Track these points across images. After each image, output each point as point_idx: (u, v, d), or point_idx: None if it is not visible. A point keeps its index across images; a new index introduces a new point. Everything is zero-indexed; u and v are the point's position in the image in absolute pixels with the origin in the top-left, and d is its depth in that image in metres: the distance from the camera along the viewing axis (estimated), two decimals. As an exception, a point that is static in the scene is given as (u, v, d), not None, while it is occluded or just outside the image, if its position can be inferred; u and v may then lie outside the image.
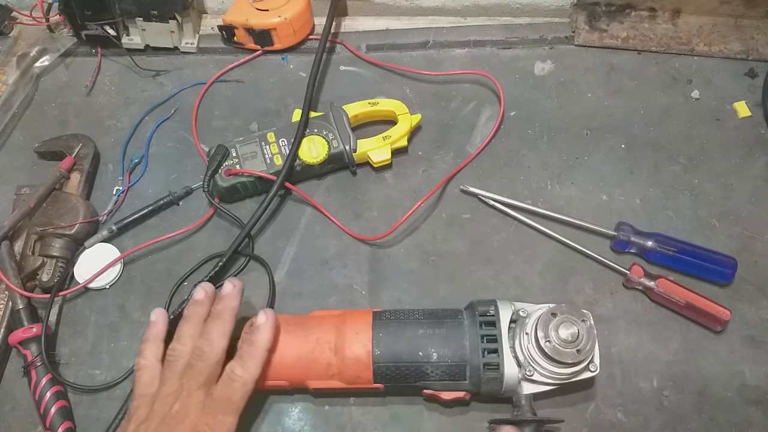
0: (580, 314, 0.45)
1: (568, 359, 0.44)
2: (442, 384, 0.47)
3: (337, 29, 0.69)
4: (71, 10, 0.63)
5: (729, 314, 0.50)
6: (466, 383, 0.47)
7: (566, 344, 0.44)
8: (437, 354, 0.46)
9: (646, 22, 0.67)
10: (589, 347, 0.45)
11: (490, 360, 0.46)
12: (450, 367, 0.46)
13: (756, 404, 0.49)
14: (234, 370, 0.44)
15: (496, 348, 0.46)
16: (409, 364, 0.46)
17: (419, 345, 0.46)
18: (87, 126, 0.63)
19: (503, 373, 0.45)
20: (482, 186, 0.58)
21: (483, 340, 0.46)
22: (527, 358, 0.45)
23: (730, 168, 0.59)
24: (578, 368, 0.45)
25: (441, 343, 0.46)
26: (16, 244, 0.56)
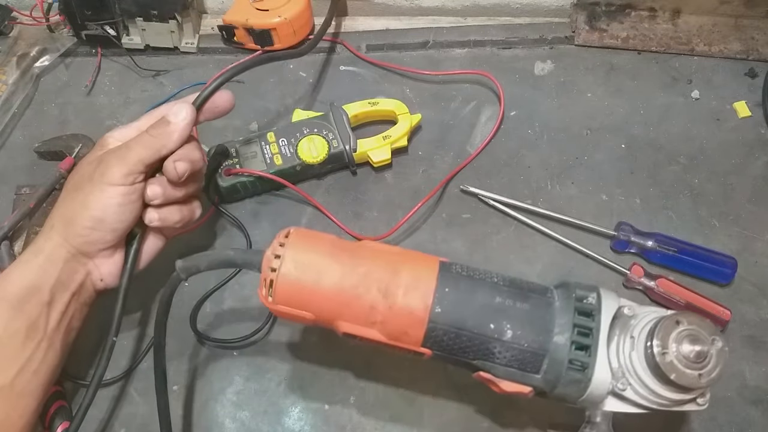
0: (711, 331, 0.36)
1: (685, 382, 0.35)
2: (507, 371, 0.38)
3: (337, 29, 0.69)
4: (71, 10, 0.63)
5: (729, 314, 0.50)
6: (537, 377, 0.38)
7: (688, 362, 0.35)
8: (512, 333, 0.37)
9: (646, 22, 0.67)
10: (715, 375, 0.35)
11: (578, 357, 0.36)
12: (524, 353, 0.37)
13: (756, 404, 0.49)
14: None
15: (589, 345, 0.37)
16: (474, 335, 0.37)
17: (492, 315, 0.38)
18: (87, 126, 0.63)
19: (591, 378, 0.36)
20: (482, 186, 0.58)
21: (575, 331, 0.37)
22: (625, 368, 0.37)
23: (730, 168, 0.59)
24: (687, 396, 0.36)
25: (521, 320, 0.37)
26: (15, 245, 0.56)
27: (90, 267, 0.44)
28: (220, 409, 0.50)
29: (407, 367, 0.51)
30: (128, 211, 0.44)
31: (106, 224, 0.43)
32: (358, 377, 0.51)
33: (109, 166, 0.43)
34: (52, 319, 0.42)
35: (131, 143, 0.44)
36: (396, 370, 0.51)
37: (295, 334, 0.53)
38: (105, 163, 0.43)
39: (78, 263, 0.44)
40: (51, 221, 0.44)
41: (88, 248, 0.43)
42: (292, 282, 0.38)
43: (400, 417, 0.49)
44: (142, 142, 0.44)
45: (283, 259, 0.39)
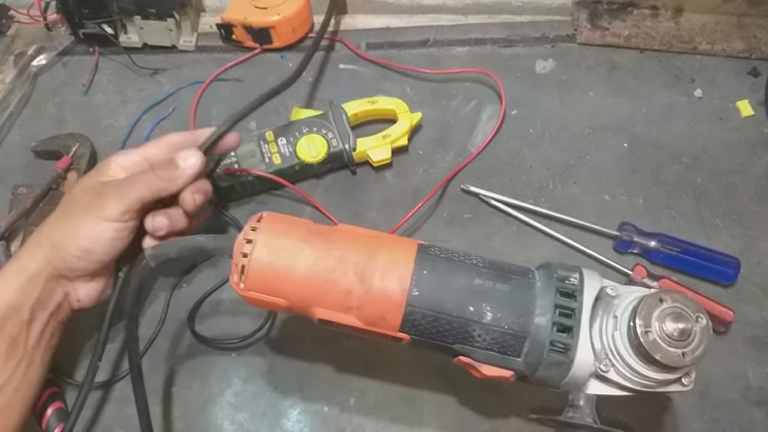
0: (695, 308, 0.35)
1: (669, 361, 0.34)
2: (487, 355, 0.37)
3: (337, 27, 0.69)
4: (69, 9, 0.63)
5: (732, 315, 0.50)
6: (518, 361, 0.37)
7: (672, 341, 0.34)
8: (492, 315, 0.36)
9: (649, 21, 0.66)
10: (699, 353, 0.34)
11: (560, 339, 0.35)
12: (504, 336, 0.36)
13: (759, 405, 0.49)
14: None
15: (571, 326, 0.35)
16: (453, 318, 0.36)
17: (471, 298, 0.37)
18: (84, 125, 0.63)
19: (573, 360, 0.35)
20: (483, 185, 0.58)
21: (557, 312, 0.36)
22: (608, 348, 0.36)
23: (733, 167, 0.59)
24: (671, 376, 0.35)
25: (501, 301, 0.36)
26: (12, 245, 0.55)
27: (68, 289, 0.45)
28: (218, 410, 0.49)
29: (407, 368, 0.50)
30: (118, 245, 0.44)
31: (94, 255, 0.43)
32: (357, 379, 0.50)
33: (107, 201, 0.43)
34: (32, 337, 0.42)
35: (134, 181, 0.44)
36: (396, 371, 0.50)
37: (295, 335, 0.52)
38: (103, 196, 0.43)
39: (57, 284, 0.44)
40: (39, 239, 0.44)
41: (70, 273, 0.44)
42: (265, 267, 0.38)
43: (400, 418, 0.49)
44: (145, 182, 0.44)
45: (254, 243, 0.38)
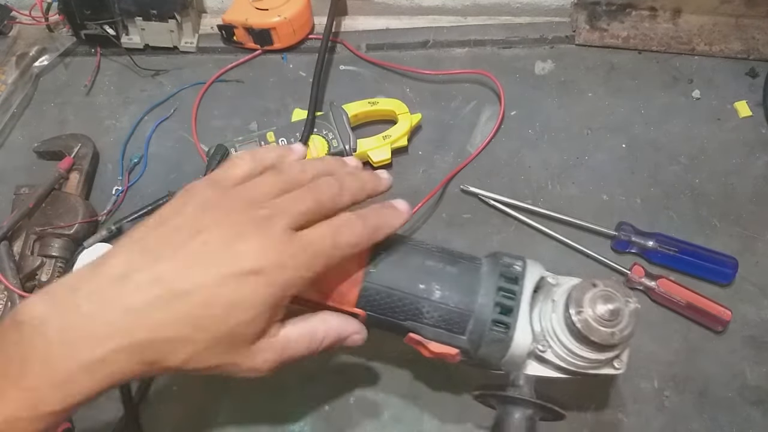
0: (624, 293, 0.38)
1: (599, 339, 0.36)
2: (435, 332, 0.39)
3: (337, 29, 0.69)
4: (70, 10, 0.63)
5: (730, 314, 0.50)
6: (463, 339, 0.39)
7: (601, 321, 0.36)
8: (441, 293, 0.39)
9: (647, 22, 0.67)
10: (627, 333, 0.37)
11: (501, 318, 0.38)
12: (451, 313, 0.38)
13: (757, 405, 0.49)
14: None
15: (512, 307, 0.38)
16: (405, 295, 0.39)
17: (423, 276, 0.39)
18: (86, 126, 0.63)
19: (512, 339, 0.38)
20: (483, 186, 0.58)
21: (499, 294, 0.39)
22: (546, 330, 0.38)
23: (731, 168, 0.59)
24: (602, 357, 0.38)
25: (449, 281, 0.39)
26: (15, 245, 0.56)
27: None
28: (220, 410, 0.50)
29: (408, 368, 0.51)
30: None
31: None
32: (358, 378, 0.50)
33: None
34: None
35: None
36: (396, 371, 0.50)
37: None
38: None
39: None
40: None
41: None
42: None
43: (400, 418, 0.49)
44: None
45: None
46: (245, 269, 0.32)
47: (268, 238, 0.33)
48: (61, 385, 0.30)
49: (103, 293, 0.31)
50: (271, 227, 0.33)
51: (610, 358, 0.38)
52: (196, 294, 0.31)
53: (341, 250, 0.35)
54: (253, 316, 0.33)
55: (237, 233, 0.33)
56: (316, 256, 0.34)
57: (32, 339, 0.30)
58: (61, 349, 0.30)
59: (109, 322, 0.30)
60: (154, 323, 0.31)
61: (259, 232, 0.33)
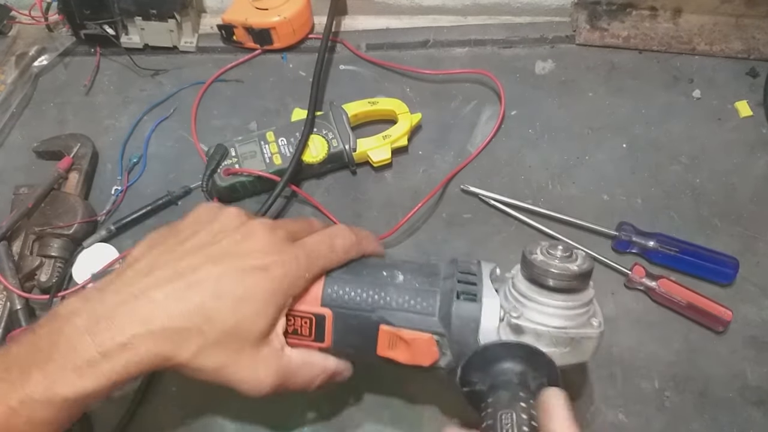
0: (575, 246, 0.40)
1: (560, 271, 0.36)
2: (405, 317, 0.38)
3: (337, 28, 0.69)
4: (70, 10, 0.63)
5: (730, 314, 0.50)
6: (434, 319, 0.38)
7: (556, 257, 0.36)
8: (403, 276, 0.39)
9: (647, 22, 0.67)
10: (586, 267, 0.36)
11: (466, 288, 0.38)
12: (417, 293, 0.38)
13: (758, 405, 0.49)
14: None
15: (474, 281, 0.38)
16: (368, 282, 0.39)
17: (384, 267, 0.40)
18: (85, 125, 0.63)
19: (481, 303, 0.37)
20: (483, 186, 0.58)
21: (459, 272, 0.39)
22: (512, 298, 0.37)
23: (732, 168, 0.59)
24: (572, 304, 0.36)
25: (410, 269, 0.40)
26: (14, 245, 0.55)
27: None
28: (219, 410, 0.50)
29: (408, 368, 0.50)
30: None
31: None
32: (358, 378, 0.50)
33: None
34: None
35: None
36: (397, 371, 0.50)
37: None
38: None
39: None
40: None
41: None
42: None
43: (400, 418, 0.49)
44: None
45: None
46: (253, 265, 0.36)
47: (274, 241, 0.38)
48: (79, 369, 0.32)
49: (127, 288, 0.35)
50: (276, 233, 0.38)
51: (582, 313, 0.37)
52: (208, 286, 0.35)
53: (337, 254, 0.40)
54: (257, 310, 0.36)
55: (247, 234, 0.37)
56: (316, 258, 0.39)
57: (62, 328, 0.33)
58: (86, 336, 0.33)
59: (130, 311, 0.34)
60: (170, 313, 0.34)
61: (266, 236, 0.38)
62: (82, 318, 0.33)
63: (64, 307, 0.35)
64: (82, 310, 0.34)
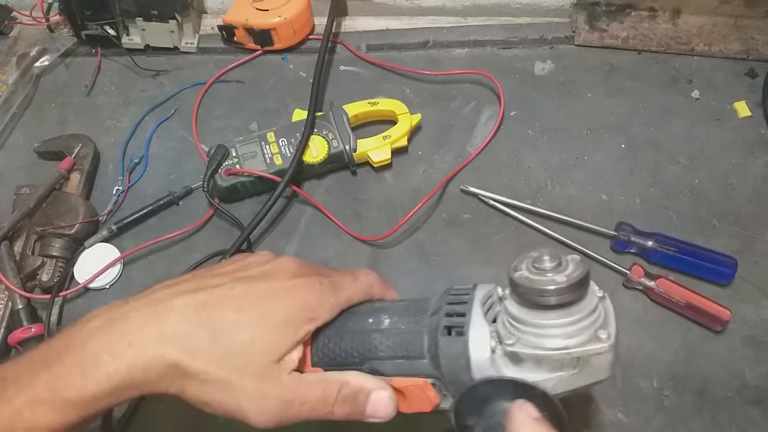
0: (566, 252, 0.34)
1: (549, 285, 0.31)
2: (394, 364, 0.36)
3: (337, 29, 0.69)
4: (71, 10, 0.63)
5: (729, 314, 0.50)
6: (425, 362, 0.35)
7: (543, 271, 0.32)
8: (390, 320, 0.37)
9: (646, 22, 0.67)
10: (578, 273, 0.31)
11: (452, 321, 0.34)
12: (404, 336, 0.36)
13: (756, 404, 0.49)
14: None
15: (463, 311, 0.34)
16: (355, 332, 0.37)
17: (370, 313, 0.38)
18: (87, 126, 0.63)
19: (469, 337, 0.33)
20: (482, 186, 0.58)
21: (448, 304, 0.36)
22: (506, 323, 0.33)
23: (731, 168, 0.59)
24: (572, 319, 0.31)
25: (397, 311, 0.37)
26: (15, 244, 0.56)
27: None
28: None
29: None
30: None
31: None
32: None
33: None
34: None
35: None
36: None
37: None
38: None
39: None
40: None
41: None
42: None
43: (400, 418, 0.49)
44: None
45: None
46: (276, 287, 0.36)
47: (301, 269, 0.38)
48: (83, 366, 0.32)
49: (150, 296, 0.35)
50: (304, 264, 0.39)
51: (585, 326, 0.32)
52: (229, 300, 0.34)
53: (360, 285, 0.39)
54: (275, 329, 0.34)
55: (276, 265, 0.38)
56: (339, 285, 0.38)
57: (79, 330, 0.33)
58: (98, 335, 0.33)
59: (146, 314, 0.33)
60: (187, 317, 0.33)
61: (294, 264, 0.38)
62: (99, 320, 0.33)
63: (87, 315, 0.34)
64: (102, 314, 0.34)
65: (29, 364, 0.33)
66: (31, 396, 0.31)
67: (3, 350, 0.52)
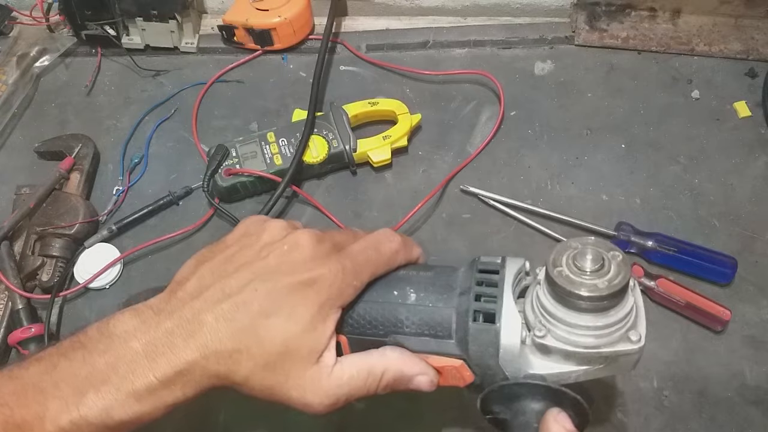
0: (608, 247, 0.33)
1: (587, 291, 0.31)
2: (420, 341, 0.36)
3: (337, 29, 0.69)
4: (71, 10, 0.63)
5: (729, 314, 0.50)
6: (452, 343, 0.35)
7: (584, 272, 0.31)
8: (416, 295, 0.36)
9: (646, 22, 0.67)
10: (620, 279, 0.31)
11: (483, 307, 0.34)
12: (431, 314, 0.35)
13: (756, 404, 0.49)
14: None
15: (494, 295, 0.34)
16: (380, 304, 0.36)
17: (395, 284, 0.37)
18: (87, 126, 0.63)
19: (500, 325, 0.33)
20: (482, 186, 0.58)
21: (478, 285, 0.35)
22: (539, 312, 0.33)
23: (731, 168, 0.59)
24: (605, 323, 0.31)
25: (424, 284, 0.37)
26: (15, 244, 0.56)
27: None
28: (220, 407, 0.50)
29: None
30: None
31: None
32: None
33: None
34: None
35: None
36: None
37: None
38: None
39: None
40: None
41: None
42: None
43: (402, 415, 0.49)
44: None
45: None
46: (300, 280, 0.35)
47: (320, 252, 0.36)
48: (139, 394, 0.32)
49: (179, 312, 0.34)
50: (323, 243, 0.37)
51: (617, 329, 0.32)
52: (255, 305, 0.34)
53: (384, 257, 0.38)
54: (305, 327, 0.35)
55: (293, 246, 0.36)
56: (363, 264, 0.37)
57: (120, 350, 0.33)
58: (145, 361, 0.33)
59: (185, 337, 0.34)
60: (221, 336, 0.34)
61: (312, 247, 0.36)
62: (139, 342, 0.33)
63: (117, 326, 0.34)
64: (139, 333, 0.34)
65: (68, 379, 0.32)
66: (78, 416, 0.31)
67: (3, 350, 0.52)
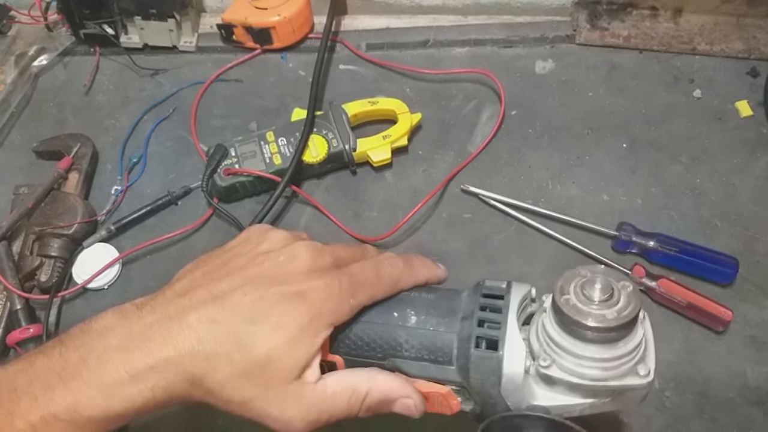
0: (618, 277, 0.32)
1: (595, 322, 0.30)
2: (420, 366, 0.35)
3: (337, 28, 0.69)
4: (69, 9, 0.63)
5: (731, 314, 0.50)
6: (452, 369, 0.34)
7: (592, 302, 0.31)
8: (416, 318, 0.35)
9: (648, 21, 0.66)
10: (629, 311, 0.30)
11: (486, 333, 0.33)
12: (432, 339, 0.34)
13: (758, 405, 0.49)
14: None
15: (497, 321, 0.33)
16: (379, 326, 0.35)
17: (396, 305, 0.36)
18: (85, 125, 0.63)
19: (502, 353, 0.32)
20: (483, 185, 0.58)
21: (481, 309, 0.35)
22: (544, 341, 0.32)
23: (732, 168, 0.59)
24: (612, 355, 0.31)
25: (425, 306, 0.36)
26: (14, 244, 0.56)
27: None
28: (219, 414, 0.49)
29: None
30: None
31: None
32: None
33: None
34: None
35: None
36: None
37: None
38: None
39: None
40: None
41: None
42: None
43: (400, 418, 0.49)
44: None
45: None
46: (292, 291, 0.34)
47: (317, 266, 0.35)
48: (106, 389, 0.31)
49: (163, 308, 0.33)
50: (322, 257, 0.36)
51: (625, 362, 0.31)
52: (243, 310, 0.33)
53: (384, 283, 0.37)
54: (292, 339, 0.33)
55: (291, 256, 0.35)
56: (361, 284, 0.36)
57: (95, 344, 0.32)
58: (117, 354, 0.32)
59: (163, 333, 0.32)
60: (201, 336, 0.32)
61: (310, 259, 0.35)
62: (116, 336, 0.32)
63: (98, 322, 0.33)
64: (117, 327, 0.33)
65: (42, 376, 0.31)
66: (47, 413, 0.30)
67: (1, 351, 0.52)
